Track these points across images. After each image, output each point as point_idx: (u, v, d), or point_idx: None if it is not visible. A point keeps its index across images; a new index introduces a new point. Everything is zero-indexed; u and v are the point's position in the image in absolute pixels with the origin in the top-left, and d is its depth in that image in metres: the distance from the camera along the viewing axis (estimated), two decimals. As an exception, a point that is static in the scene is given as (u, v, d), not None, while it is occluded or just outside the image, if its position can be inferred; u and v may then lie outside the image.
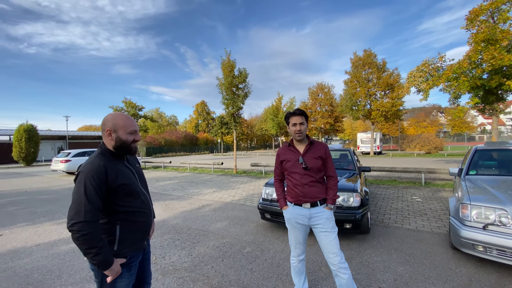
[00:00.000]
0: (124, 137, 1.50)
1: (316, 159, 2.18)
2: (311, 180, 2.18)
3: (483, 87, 7.75)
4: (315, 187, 2.18)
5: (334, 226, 2.18)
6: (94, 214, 1.30)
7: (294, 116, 2.21)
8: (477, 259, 3.13)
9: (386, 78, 24.10)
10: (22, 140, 22.10)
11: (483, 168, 4.36)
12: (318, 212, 2.17)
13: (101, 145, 1.52)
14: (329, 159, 2.23)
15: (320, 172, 2.21)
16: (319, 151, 2.21)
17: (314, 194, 2.18)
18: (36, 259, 3.50)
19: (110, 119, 1.51)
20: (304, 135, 2.24)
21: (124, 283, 1.46)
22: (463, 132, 42.61)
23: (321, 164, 2.19)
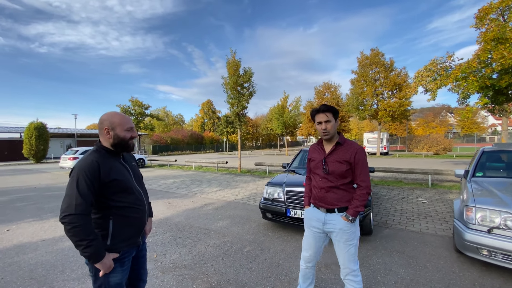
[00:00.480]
0: (122, 134, 1.55)
1: (340, 163, 1.95)
2: (330, 185, 1.99)
3: (493, 87, 7.56)
4: (333, 193, 1.99)
5: (349, 239, 1.95)
6: (85, 207, 1.34)
7: (318, 113, 2.00)
8: (481, 263, 3.06)
9: (393, 77, 23.75)
10: (32, 138, 22.56)
11: (490, 170, 4.26)
12: (333, 219, 2.00)
13: (97, 143, 1.55)
14: (359, 165, 1.94)
15: (343, 178, 1.96)
16: (346, 154, 1.95)
17: (331, 200, 1.99)
18: (40, 254, 3.57)
19: (107, 118, 1.55)
20: (332, 134, 2.00)
21: (117, 277, 1.49)
22: (473, 133, 41.71)
23: (346, 170, 1.94)
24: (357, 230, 2.01)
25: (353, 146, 1.99)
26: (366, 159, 2.00)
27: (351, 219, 1.93)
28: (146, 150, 38.65)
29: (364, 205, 1.93)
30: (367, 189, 1.93)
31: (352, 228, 1.97)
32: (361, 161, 1.94)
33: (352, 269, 1.99)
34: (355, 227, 1.98)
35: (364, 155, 1.97)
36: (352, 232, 1.97)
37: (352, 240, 1.97)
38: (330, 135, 2.00)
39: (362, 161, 1.95)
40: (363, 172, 1.94)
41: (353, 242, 1.98)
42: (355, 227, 1.98)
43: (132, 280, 1.67)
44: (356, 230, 2.00)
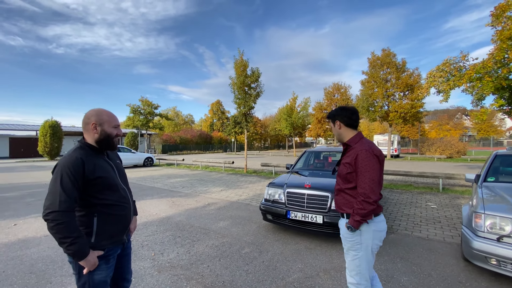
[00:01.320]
0: (109, 130, 1.55)
1: (343, 166, 1.89)
2: (338, 187, 1.96)
3: (509, 88, 7.23)
4: (340, 197, 1.94)
5: (352, 249, 1.84)
6: (69, 204, 1.32)
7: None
8: (490, 273, 2.89)
9: (405, 78, 23.19)
10: (47, 135, 23.24)
11: (503, 175, 4.05)
12: (341, 225, 1.94)
13: (81, 139, 1.53)
14: (358, 169, 1.78)
15: (347, 182, 1.87)
16: (350, 156, 1.85)
17: (339, 204, 1.95)
18: (42, 249, 3.63)
19: (94, 114, 1.54)
20: (338, 138, 2.02)
21: (101, 275, 1.47)
22: (489, 136, 40.21)
23: (348, 173, 1.84)
24: (365, 243, 1.80)
25: (358, 147, 1.84)
26: (370, 163, 1.75)
27: (347, 226, 1.81)
28: (156, 149, 39.22)
29: (363, 214, 1.73)
30: (363, 196, 1.73)
31: (355, 238, 1.81)
32: (360, 165, 1.77)
33: (352, 283, 1.88)
34: (360, 237, 1.81)
35: (364, 158, 1.76)
36: (356, 243, 1.82)
37: (356, 251, 1.82)
38: (337, 138, 2.02)
39: (361, 165, 1.77)
40: (362, 178, 1.76)
41: (356, 253, 1.82)
42: (360, 237, 1.81)
43: (116, 280, 1.64)
44: (362, 241, 1.81)
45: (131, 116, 27.87)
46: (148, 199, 6.81)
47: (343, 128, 1.96)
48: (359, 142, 1.89)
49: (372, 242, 1.81)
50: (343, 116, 1.95)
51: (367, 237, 1.81)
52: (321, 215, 3.59)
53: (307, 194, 3.81)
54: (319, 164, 5.83)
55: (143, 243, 3.83)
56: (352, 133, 1.95)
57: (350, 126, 1.95)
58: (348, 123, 1.94)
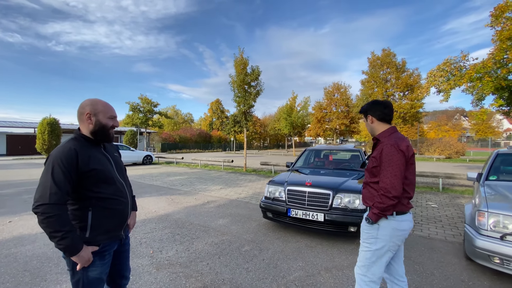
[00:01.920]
0: (104, 121, 1.48)
1: (370, 159, 1.90)
2: (365, 181, 1.96)
3: (509, 88, 7.21)
4: (366, 190, 1.94)
5: (366, 240, 1.84)
6: (60, 197, 1.26)
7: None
8: (492, 272, 2.86)
9: (405, 78, 23.21)
10: (45, 133, 23.09)
11: (504, 174, 4.01)
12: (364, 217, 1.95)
13: (76, 131, 1.48)
14: (382, 163, 1.76)
15: (373, 176, 1.86)
16: (377, 150, 1.85)
17: (364, 197, 1.95)
18: (38, 247, 3.57)
19: (89, 104, 1.48)
20: (371, 133, 2.00)
21: (96, 272, 1.41)
22: (487, 137, 40.32)
23: (373, 167, 1.83)
24: (381, 238, 1.77)
25: (384, 142, 1.81)
26: (394, 157, 1.72)
27: (365, 217, 1.84)
28: (155, 148, 39.09)
29: (382, 208, 1.71)
30: (382, 191, 1.71)
31: (372, 231, 1.81)
32: (383, 159, 1.74)
33: (357, 273, 1.88)
34: (376, 231, 1.79)
35: (388, 153, 1.73)
36: (371, 236, 1.81)
37: (370, 244, 1.81)
38: (370, 133, 2.00)
39: (385, 160, 1.73)
40: (384, 172, 1.73)
41: (369, 246, 1.81)
42: (376, 231, 1.79)
43: (113, 277, 1.59)
44: (379, 236, 1.78)
45: (131, 114, 27.75)
46: (147, 197, 6.74)
47: (376, 123, 1.93)
48: (388, 136, 1.84)
49: (390, 240, 1.76)
50: (375, 110, 1.92)
51: (384, 233, 1.77)
52: (322, 213, 3.55)
53: (308, 192, 3.77)
54: (319, 163, 5.79)
55: (142, 240, 3.78)
56: (384, 127, 1.91)
57: (382, 120, 1.91)
58: (380, 117, 1.90)
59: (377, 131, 1.93)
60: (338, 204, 3.61)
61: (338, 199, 3.62)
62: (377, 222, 1.78)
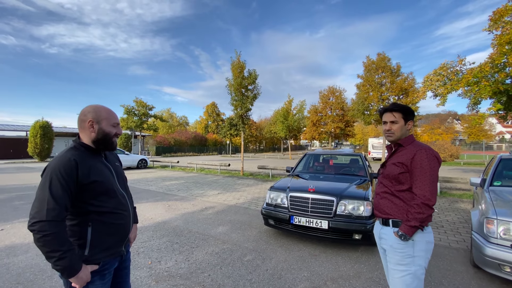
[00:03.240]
0: (107, 129, 1.39)
1: (394, 165, 1.70)
2: (384, 190, 1.76)
3: (507, 93, 7.27)
4: (386, 200, 1.73)
5: (401, 263, 1.60)
6: (58, 213, 1.15)
7: (386, 113, 1.79)
8: (502, 281, 2.80)
9: (400, 82, 23.37)
10: (37, 136, 22.64)
11: (507, 179, 4.00)
12: (386, 233, 1.71)
13: (75, 139, 1.37)
14: (417, 170, 1.60)
15: (399, 183, 1.68)
16: (404, 156, 1.68)
17: (384, 208, 1.74)
18: (31, 257, 3.40)
19: (92, 110, 1.38)
20: (397, 137, 1.76)
21: None
22: (480, 140, 40.94)
23: (401, 173, 1.66)
24: (418, 255, 1.57)
25: (415, 147, 1.67)
26: (432, 163, 1.58)
27: (400, 234, 1.58)
28: (150, 151, 38.65)
29: (421, 219, 1.53)
30: (422, 199, 1.54)
31: (407, 249, 1.58)
32: (419, 165, 1.59)
33: None
34: (413, 248, 1.57)
35: (425, 158, 1.59)
36: (407, 255, 1.58)
37: (407, 265, 1.58)
38: (394, 137, 1.76)
39: (421, 166, 1.58)
40: (421, 179, 1.57)
41: (408, 268, 1.58)
42: (413, 248, 1.57)
43: (114, 297, 1.47)
44: (415, 253, 1.57)
45: (125, 117, 27.35)
46: (143, 203, 6.58)
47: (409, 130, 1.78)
48: (413, 143, 1.73)
49: (425, 256, 1.59)
50: (412, 117, 1.79)
51: (421, 248, 1.58)
52: (326, 220, 3.46)
53: (311, 199, 3.68)
54: (319, 167, 5.72)
55: (139, 250, 3.63)
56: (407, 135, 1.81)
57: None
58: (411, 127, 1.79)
59: (402, 137, 1.78)
60: (342, 211, 3.53)
61: (342, 206, 3.54)
62: (412, 237, 1.59)
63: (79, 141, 1.36)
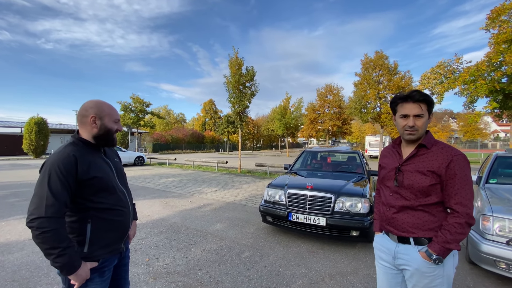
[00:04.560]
0: (109, 125, 1.38)
1: (422, 174, 1.34)
2: (403, 204, 1.39)
3: (502, 91, 7.33)
4: (408, 215, 1.39)
5: (429, 285, 1.33)
6: (57, 209, 1.13)
7: (406, 102, 1.37)
8: (497, 277, 2.84)
9: (397, 80, 23.50)
10: (32, 133, 22.41)
11: (503, 177, 4.04)
12: (407, 253, 1.38)
13: (74, 134, 1.34)
14: (457, 180, 1.28)
15: (425, 196, 1.35)
16: (434, 161, 1.33)
17: (404, 225, 1.40)
18: (26, 254, 3.37)
19: (94, 106, 1.36)
20: (421, 135, 1.39)
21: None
22: (475, 138, 41.36)
23: (432, 185, 1.32)
24: (447, 273, 1.33)
25: (447, 150, 1.33)
26: (469, 173, 1.30)
27: (434, 258, 1.28)
28: (146, 148, 38.48)
29: (460, 240, 1.26)
30: (466, 217, 1.25)
31: (438, 271, 1.31)
32: (459, 174, 1.27)
33: None
34: (442, 269, 1.31)
35: (463, 167, 1.29)
36: (438, 276, 1.31)
37: (437, 286, 1.32)
38: (418, 135, 1.38)
39: (462, 175, 1.27)
40: (463, 190, 1.27)
41: None
42: (442, 269, 1.31)
43: (112, 294, 1.46)
44: (445, 273, 1.32)
45: (122, 113, 27.21)
46: (140, 200, 6.55)
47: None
48: (437, 143, 1.39)
49: (453, 272, 1.37)
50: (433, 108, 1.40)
51: (450, 265, 1.34)
52: (324, 217, 3.47)
53: (310, 196, 3.69)
54: (317, 165, 5.73)
55: (136, 247, 3.62)
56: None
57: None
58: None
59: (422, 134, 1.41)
60: (340, 208, 3.54)
61: (340, 203, 3.55)
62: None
63: (78, 136, 1.34)
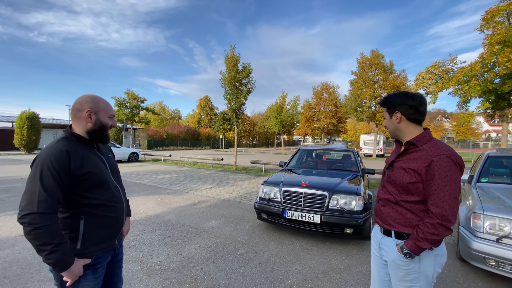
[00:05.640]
0: (104, 120, 1.36)
1: (404, 171, 1.40)
2: (387, 197, 1.49)
3: (495, 92, 7.43)
4: (391, 210, 1.47)
5: (405, 279, 1.40)
6: (50, 205, 1.12)
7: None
8: (487, 274, 2.90)
9: (392, 80, 23.67)
10: (24, 128, 22.02)
11: (494, 176, 4.11)
12: (387, 245, 1.48)
13: (67, 129, 1.32)
14: (435, 181, 1.29)
15: (407, 194, 1.40)
16: (417, 160, 1.37)
17: (386, 218, 1.49)
18: (17, 251, 3.32)
19: (89, 100, 1.33)
20: (391, 133, 1.54)
21: (88, 287, 1.27)
22: (468, 138, 42.03)
23: (410, 182, 1.36)
24: (424, 270, 1.36)
25: (432, 150, 1.33)
26: (453, 174, 1.27)
27: (405, 252, 1.35)
28: (141, 144, 38.15)
29: (432, 241, 1.28)
30: (440, 219, 1.26)
31: (412, 265, 1.37)
32: (438, 175, 1.28)
33: None
34: (418, 264, 1.37)
35: (445, 168, 1.28)
36: (412, 271, 1.38)
37: (412, 281, 1.38)
38: (391, 134, 1.55)
39: (440, 176, 1.27)
40: (440, 193, 1.27)
41: (412, 284, 1.39)
42: (418, 264, 1.37)
43: (106, 291, 1.44)
44: (421, 269, 1.37)
45: (116, 109, 26.88)
46: (134, 196, 6.50)
47: (404, 123, 1.45)
48: (429, 142, 1.39)
49: (433, 270, 1.38)
50: (407, 106, 1.43)
51: (428, 264, 1.37)
52: (319, 215, 3.50)
53: (304, 193, 3.70)
54: (312, 162, 5.76)
55: (130, 244, 3.60)
56: (417, 130, 1.45)
57: (414, 121, 1.44)
58: (412, 117, 1.43)
59: (405, 134, 1.47)
60: (334, 205, 3.56)
61: (335, 201, 3.58)
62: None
63: (71, 131, 1.31)
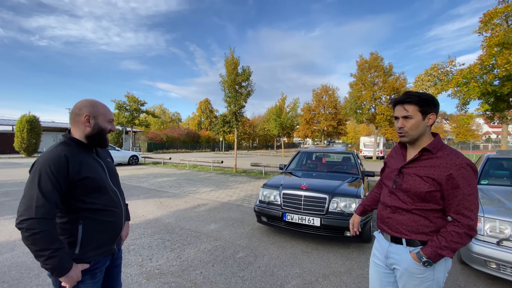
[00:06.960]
0: (103, 125, 1.36)
1: (421, 180, 1.31)
2: (399, 206, 1.39)
3: (494, 94, 7.45)
4: (402, 216, 1.38)
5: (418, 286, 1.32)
6: (48, 210, 1.11)
7: (397, 105, 1.38)
8: (488, 276, 2.89)
9: (392, 82, 23.74)
10: (24, 131, 22.03)
11: (494, 178, 4.11)
12: (398, 253, 1.38)
13: (66, 134, 1.32)
14: (459, 190, 1.22)
15: (422, 202, 1.32)
16: (435, 169, 1.28)
17: (398, 226, 1.39)
18: (17, 255, 3.31)
19: (88, 105, 1.33)
20: (412, 136, 1.36)
21: None
22: (468, 140, 42.03)
23: (429, 191, 1.28)
24: (437, 276, 1.30)
25: (451, 158, 1.26)
26: (474, 183, 1.23)
27: (424, 260, 1.26)
28: (141, 147, 38.15)
29: (455, 249, 1.22)
30: (467, 228, 1.20)
31: (428, 273, 1.29)
32: (461, 185, 1.22)
33: None
34: (433, 271, 1.29)
35: (467, 177, 1.22)
36: (427, 279, 1.30)
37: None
38: (408, 137, 1.37)
39: (464, 185, 1.21)
40: (466, 201, 1.21)
41: None
42: (433, 271, 1.29)
43: (104, 296, 1.44)
44: (435, 276, 1.30)
45: (116, 112, 26.94)
46: (134, 199, 6.48)
47: (429, 127, 1.36)
48: (444, 149, 1.32)
49: (445, 275, 1.34)
50: (437, 110, 1.34)
51: (440, 269, 1.32)
52: (319, 218, 3.48)
53: (304, 196, 3.69)
54: (312, 165, 5.75)
55: (129, 247, 3.58)
56: (430, 136, 1.38)
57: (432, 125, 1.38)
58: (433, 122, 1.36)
59: (424, 139, 1.37)
60: (334, 208, 3.56)
61: (335, 203, 3.57)
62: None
63: (69, 136, 1.31)
